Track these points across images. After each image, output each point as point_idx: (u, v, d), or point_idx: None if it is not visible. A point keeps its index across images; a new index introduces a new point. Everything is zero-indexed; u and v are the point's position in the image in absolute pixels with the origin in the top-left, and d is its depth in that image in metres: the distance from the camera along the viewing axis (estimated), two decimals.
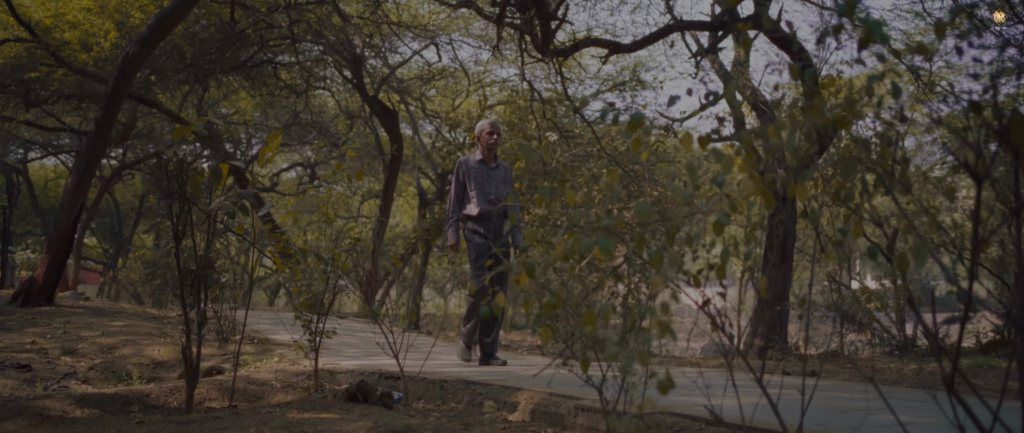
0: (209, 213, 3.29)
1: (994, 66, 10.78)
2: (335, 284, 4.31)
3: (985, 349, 7.40)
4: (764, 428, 2.49)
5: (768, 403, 2.11)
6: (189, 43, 11.84)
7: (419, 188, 17.84)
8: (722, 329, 2.28)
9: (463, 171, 5.72)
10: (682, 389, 3.52)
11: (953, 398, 1.65)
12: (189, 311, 3.32)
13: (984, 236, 2.03)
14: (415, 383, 4.22)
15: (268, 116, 18.23)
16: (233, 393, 3.49)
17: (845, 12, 1.63)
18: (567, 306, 2.50)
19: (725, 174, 1.97)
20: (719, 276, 2.24)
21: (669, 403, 3.18)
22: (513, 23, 9.34)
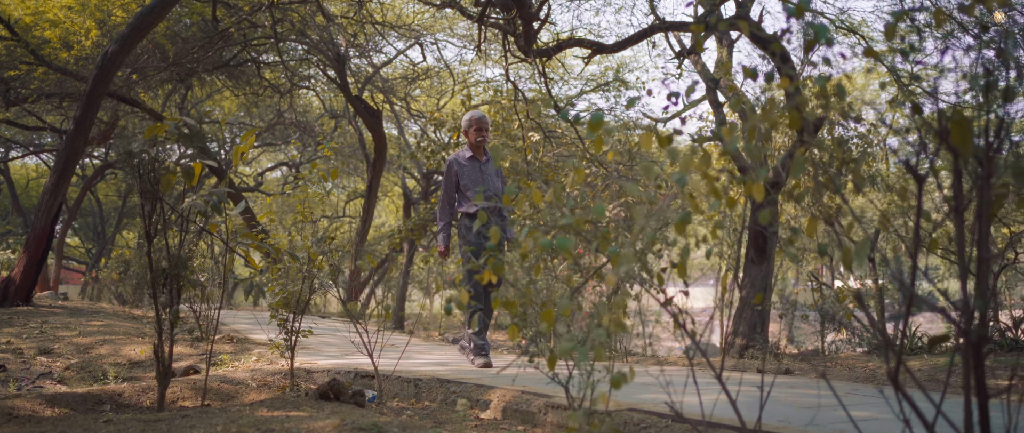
0: (182, 212, 3.30)
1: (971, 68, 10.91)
2: (311, 283, 4.32)
3: (929, 344, 7.47)
4: (725, 423, 2.52)
5: (727, 399, 2.14)
6: (171, 42, 11.80)
7: (404, 188, 17.83)
8: (684, 328, 2.30)
9: (455, 170, 5.54)
10: (652, 386, 3.56)
11: (899, 393, 1.69)
12: (161, 310, 3.32)
13: (926, 235, 2.06)
14: (390, 382, 4.24)
15: (252, 115, 18.18)
16: (205, 392, 3.50)
17: (794, 13, 1.66)
18: (535, 304, 2.53)
19: (684, 173, 2.00)
20: (680, 275, 2.27)
21: (639, 400, 3.21)
22: (496, 23, 9.36)
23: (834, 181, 1.81)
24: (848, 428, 2.51)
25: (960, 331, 1.52)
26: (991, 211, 1.68)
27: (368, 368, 4.59)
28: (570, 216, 1.86)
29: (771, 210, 9.19)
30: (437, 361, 5.62)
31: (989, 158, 1.50)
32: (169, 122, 3.11)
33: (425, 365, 5.22)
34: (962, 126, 1.61)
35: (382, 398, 3.92)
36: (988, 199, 1.50)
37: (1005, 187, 1.68)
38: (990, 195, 1.50)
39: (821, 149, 1.90)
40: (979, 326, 1.51)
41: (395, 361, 5.57)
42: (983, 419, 1.57)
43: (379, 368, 4.24)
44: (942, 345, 7.57)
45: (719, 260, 18.26)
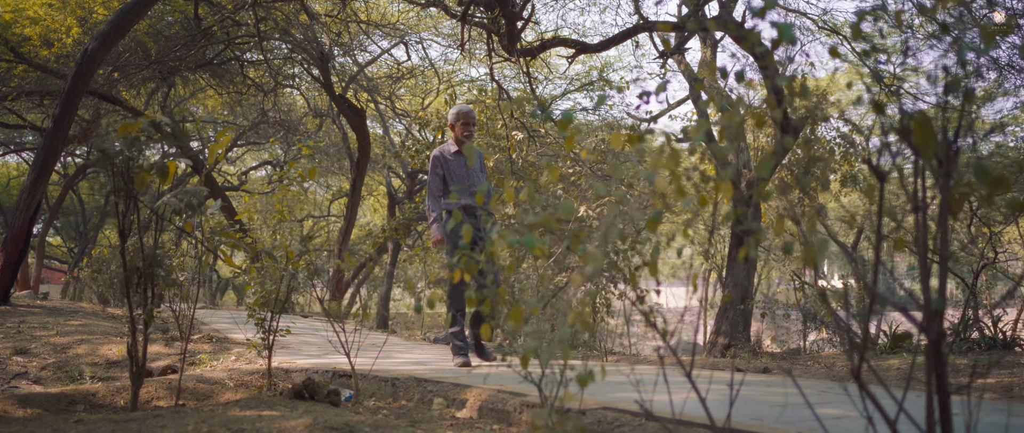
0: (155, 210, 3.27)
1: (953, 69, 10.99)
2: (289, 283, 4.30)
3: (892, 342, 7.53)
4: (697, 422, 2.53)
5: (698, 398, 2.15)
6: (154, 40, 11.72)
7: (389, 187, 17.81)
8: (655, 326, 2.30)
9: (441, 164, 5.48)
10: (628, 385, 3.56)
11: (863, 391, 1.70)
12: (135, 310, 3.30)
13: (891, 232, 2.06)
14: (367, 381, 4.23)
15: (236, 114, 18.09)
16: (179, 392, 3.48)
17: (758, 13, 1.66)
18: (508, 303, 2.52)
19: (651, 172, 2.00)
20: (652, 273, 2.27)
21: (614, 399, 3.21)
22: (480, 22, 9.36)
23: (800, 180, 1.82)
24: (818, 425, 2.52)
25: (920, 329, 1.53)
26: (955, 210, 1.69)
27: (347, 367, 4.58)
28: (538, 214, 1.86)
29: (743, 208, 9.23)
30: (417, 360, 5.62)
31: (949, 157, 1.51)
32: (143, 120, 3.09)
33: (404, 364, 5.21)
34: (924, 125, 1.62)
35: (359, 397, 3.91)
36: (948, 198, 1.51)
37: (968, 187, 1.69)
38: (949, 194, 1.51)
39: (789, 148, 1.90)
40: (938, 324, 1.52)
41: (378, 360, 5.56)
42: (944, 416, 1.58)
43: (357, 367, 4.23)
44: (906, 343, 7.61)
45: (703, 259, 18.34)
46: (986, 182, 1.63)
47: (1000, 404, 3.38)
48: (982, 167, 1.63)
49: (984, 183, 1.63)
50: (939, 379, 1.55)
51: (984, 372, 1.63)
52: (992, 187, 1.62)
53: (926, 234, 1.60)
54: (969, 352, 8.96)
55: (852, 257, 1.86)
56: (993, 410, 2.96)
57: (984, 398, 4.00)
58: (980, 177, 1.63)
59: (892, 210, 1.76)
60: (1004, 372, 6.68)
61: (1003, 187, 1.60)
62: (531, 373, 2.63)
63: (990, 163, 11.96)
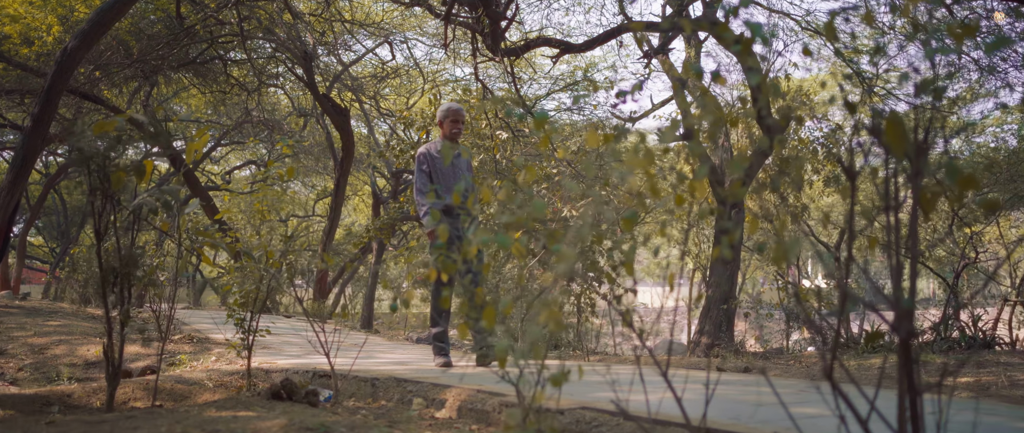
0: (131, 209, 3.25)
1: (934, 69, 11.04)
2: (268, 283, 4.27)
3: (865, 342, 7.58)
4: (674, 421, 2.53)
5: (673, 397, 2.15)
6: (136, 38, 11.64)
7: (374, 187, 17.76)
8: (631, 326, 2.30)
9: (428, 161, 5.39)
10: (608, 385, 3.55)
11: (835, 390, 1.71)
12: (111, 310, 3.27)
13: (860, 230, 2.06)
14: (347, 381, 4.21)
15: (220, 113, 17.99)
16: (156, 392, 3.45)
17: (732, 12, 1.67)
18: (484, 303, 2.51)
19: (628, 172, 2.00)
20: (628, 272, 2.27)
21: (594, 399, 3.21)
22: (464, 22, 9.34)
23: (773, 180, 1.82)
24: (796, 424, 2.53)
25: (891, 328, 1.53)
26: (927, 209, 1.70)
27: (327, 367, 4.56)
28: (512, 214, 1.85)
29: (719, 208, 9.26)
30: (398, 360, 5.60)
31: (919, 156, 1.51)
32: (119, 118, 3.06)
33: (385, 364, 5.19)
34: (895, 124, 1.63)
35: (338, 397, 3.89)
36: (918, 197, 1.52)
37: (940, 186, 1.70)
38: (921, 193, 1.52)
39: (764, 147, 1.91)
40: (907, 323, 1.53)
41: (359, 360, 5.53)
42: (914, 415, 1.58)
43: (338, 367, 4.21)
44: (879, 342, 7.68)
45: (688, 259, 18.39)
46: (956, 181, 1.64)
47: (971, 402, 3.41)
48: (953, 167, 1.64)
49: (954, 182, 1.64)
50: (909, 378, 1.55)
51: (955, 371, 1.64)
52: (962, 186, 1.63)
53: (899, 233, 1.61)
54: (949, 351, 9.03)
55: (836, 256, 1.87)
56: (965, 408, 2.99)
57: (962, 396, 4.03)
58: (951, 176, 1.64)
59: (868, 209, 1.76)
60: (983, 371, 6.73)
61: (972, 186, 1.61)
62: (508, 373, 2.63)
63: (961, 163, 12.06)
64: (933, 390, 1.84)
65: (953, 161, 1.69)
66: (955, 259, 12.97)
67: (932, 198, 1.70)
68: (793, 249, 1.51)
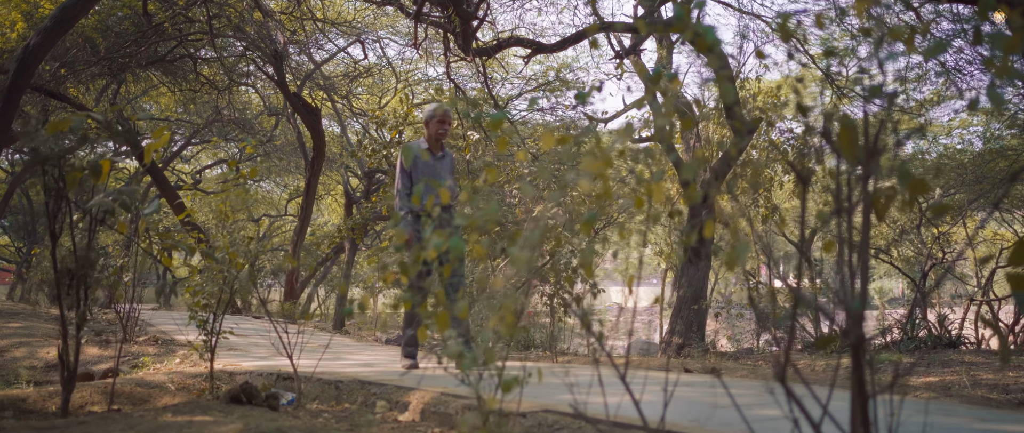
0: (86, 210, 3.19)
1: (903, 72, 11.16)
2: (231, 285, 4.22)
3: (817, 345, 7.66)
4: (635, 424, 2.52)
5: (632, 400, 2.14)
6: (103, 36, 11.47)
7: (346, 187, 17.65)
8: (589, 329, 2.29)
9: (410, 160, 5.23)
10: (577, 387, 3.54)
11: (788, 395, 1.70)
12: (66, 312, 3.21)
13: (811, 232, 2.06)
14: (311, 384, 4.16)
15: (190, 112, 17.80)
16: (112, 396, 3.39)
17: (679, 13, 1.66)
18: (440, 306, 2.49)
19: (585, 175, 1.98)
20: (588, 275, 2.26)
21: (557, 401, 3.20)
22: (435, 21, 9.30)
23: (730, 183, 1.82)
24: (754, 426, 2.54)
25: (841, 333, 1.53)
26: (879, 213, 1.70)
27: (292, 370, 4.51)
28: (463, 217, 1.83)
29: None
30: (365, 362, 5.56)
31: (868, 160, 1.51)
32: (73, 117, 3.00)
33: (352, 366, 5.15)
34: (847, 128, 1.63)
35: (301, 400, 3.85)
36: (867, 201, 1.52)
37: (892, 190, 1.71)
38: (870, 197, 1.52)
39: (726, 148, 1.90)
40: (857, 328, 1.53)
41: (325, 362, 5.47)
42: (863, 419, 1.59)
43: (302, 369, 4.17)
44: (833, 345, 7.74)
45: (662, 260, 18.48)
46: (907, 185, 1.64)
47: (931, 403, 3.44)
48: (904, 171, 1.65)
49: (905, 187, 1.65)
50: (859, 383, 1.55)
51: (908, 372, 1.65)
52: (913, 190, 1.63)
53: (851, 237, 1.61)
54: (916, 350, 9.15)
55: (805, 257, 1.87)
56: (917, 410, 3.01)
57: (923, 397, 4.07)
58: (902, 181, 1.65)
59: (822, 213, 1.76)
60: (948, 370, 6.82)
61: (922, 190, 1.61)
62: (467, 376, 2.61)
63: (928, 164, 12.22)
64: (888, 391, 1.84)
65: (905, 165, 1.69)
66: (923, 259, 13.14)
67: (885, 202, 1.70)
68: (741, 255, 1.50)
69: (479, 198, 2.20)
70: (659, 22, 8.60)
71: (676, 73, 9.00)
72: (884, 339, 10.19)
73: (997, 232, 14.71)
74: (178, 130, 19.73)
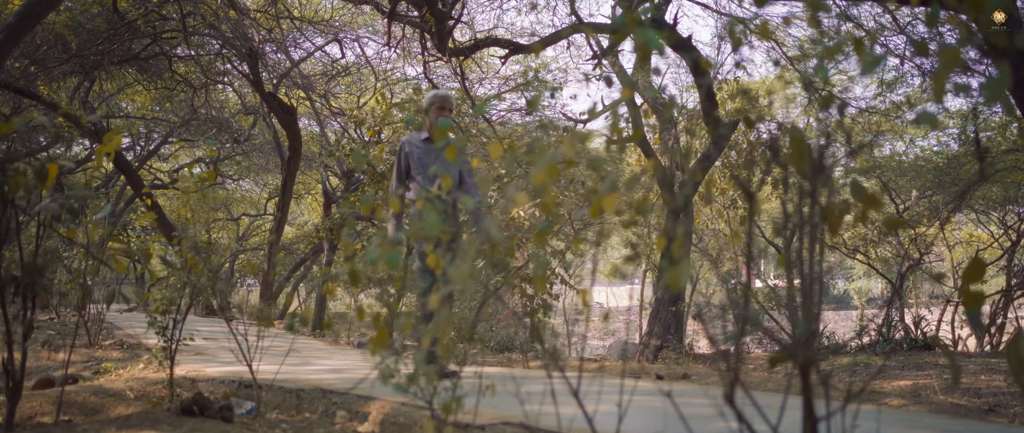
0: (32, 215, 3.09)
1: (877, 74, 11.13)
2: (193, 289, 4.13)
3: (770, 363, 7.65)
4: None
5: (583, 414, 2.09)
6: (74, 33, 11.27)
7: (325, 186, 17.51)
8: (541, 342, 2.22)
9: (405, 152, 4.86)
10: (535, 396, 3.48)
11: (739, 417, 1.65)
12: (11, 321, 3.11)
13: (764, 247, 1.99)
14: (272, 392, 4.08)
15: (166, 110, 17.59)
16: (60, 407, 3.29)
17: (623, 20, 1.60)
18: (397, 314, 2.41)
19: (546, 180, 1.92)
20: (539, 288, 2.20)
21: (517, 412, 3.14)
22: (412, 20, 9.22)
23: (681, 191, 1.76)
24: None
25: (788, 355, 1.48)
26: (833, 227, 1.65)
27: (259, 377, 4.42)
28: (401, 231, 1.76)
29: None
30: (333, 368, 5.47)
31: (815, 173, 1.46)
32: (16, 120, 2.90)
33: (318, 372, 5.06)
34: (797, 141, 1.57)
35: (260, 410, 3.77)
36: (814, 216, 1.46)
37: (845, 204, 1.65)
38: (817, 211, 1.46)
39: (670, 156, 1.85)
40: (805, 350, 1.47)
41: (292, 367, 5.38)
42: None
43: (266, 376, 4.08)
44: (783, 364, 7.74)
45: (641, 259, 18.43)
46: (860, 199, 1.59)
47: (895, 414, 3.40)
48: (857, 185, 1.59)
49: (859, 200, 1.60)
50: (807, 405, 1.50)
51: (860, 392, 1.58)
52: (865, 204, 1.58)
53: (799, 255, 1.55)
54: (891, 353, 9.16)
55: (786, 256, 1.81)
56: (888, 420, 2.97)
57: (892, 404, 4.04)
58: (856, 194, 1.60)
59: (779, 226, 1.71)
60: (921, 373, 6.81)
61: (874, 205, 1.56)
62: (421, 388, 2.54)
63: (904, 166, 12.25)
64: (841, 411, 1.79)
65: (857, 179, 1.64)
66: (899, 260, 13.18)
67: (838, 215, 1.65)
68: (683, 274, 1.44)
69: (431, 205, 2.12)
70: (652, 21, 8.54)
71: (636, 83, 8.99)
72: (860, 341, 10.20)
73: (973, 233, 14.80)
74: (155, 129, 19.52)
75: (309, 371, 5.12)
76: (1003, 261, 12.43)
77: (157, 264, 4.59)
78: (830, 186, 1.57)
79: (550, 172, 1.82)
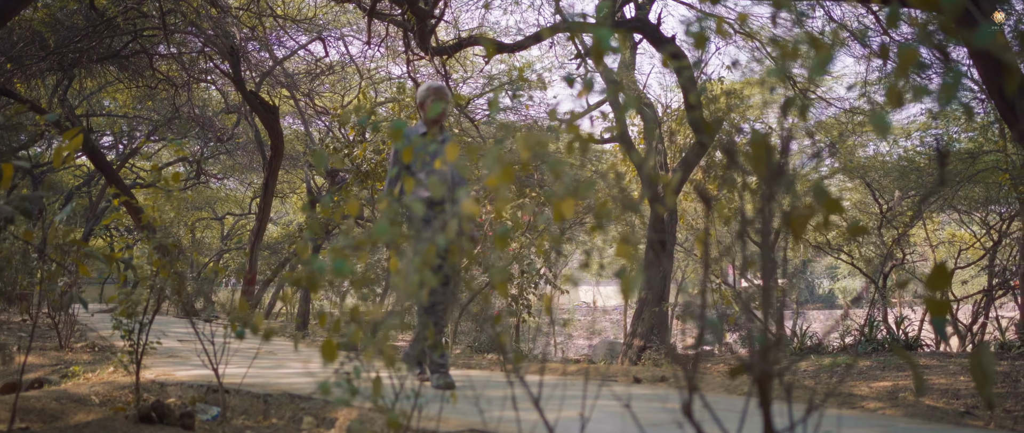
0: None
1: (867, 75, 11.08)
2: (159, 292, 4.04)
3: (730, 375, 7.64)
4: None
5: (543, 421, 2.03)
6: (52, 30, 11.13)
7: (309, 186, 17.39)
8: (504, 351, 2.16)
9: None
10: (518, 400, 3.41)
11: (693, 426, 1.59)
12: None
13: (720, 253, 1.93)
14: (240, 397, 4.00)
15: (149, 108, 17.42)
16: (15, 413, 3.21)
17: (572, 25, 1.54)
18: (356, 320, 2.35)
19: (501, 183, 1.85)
20: (502, 294, 2.13)
21: (487, 418, 3.07)
22: (393, 19, 9.14)
23: (629, 196, 1.70)
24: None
25: (745, 367, 1.42)
26: (797, 233, 1.59)
27: (227, 381, 4.34)
28: (348, 238, 1.69)
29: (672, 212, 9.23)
30: (306, 371, 5.39)
31: (772, 177, 1.40)
32: None
33: (289, 376, 4.98)
34: (758, 144, 1.51)
35: (227, 415, 3.69)
36: (769, 221, 1.41)
37: (809, 208, 1.60)
38: (774, 217, 1.40)
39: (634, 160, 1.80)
40: (762, 362, 1.41)
41: (265, 370, 5.30)
42: None
43: (233, 381, 4.01)
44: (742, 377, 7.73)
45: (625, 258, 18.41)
46: (822, 204, 1.53)
47: (864, 417, 3.35)
48: (820, 189, 1.54)
49: (822, 205, 1.54)
50: (765, 420, 1.44)
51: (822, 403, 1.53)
52: (828, 209, 1.53)
53: (768, 259, 1.50)
54: (873, 353, 9.15)
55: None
56: (857, 425, 2.92)
57: (867, 407, 3.99)
58: (819, 198, 1.54)
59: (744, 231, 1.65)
60: (901, 374, 6.79)
61: (837, 210, 1.50)
62: (382, 398, 2.47)
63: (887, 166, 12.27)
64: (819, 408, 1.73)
65: (820, 183, 1.58)
66: (881, 259, 13.20)
67: (801, 221, 1.60)
68: (635, 283, 1.38)
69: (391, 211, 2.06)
70: (636, 21, 8.50)
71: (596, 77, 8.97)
72: (842, 341, 10.20)
73: (956, 233, 14.84)
74: (137, 127, 19.35)
75: (281, 374, 5.04)
76: (985, 261, 12.47)
77: (145, 263, 4.49)
78: (791, 190, 1.52)
79: (504, 175, 1.76)
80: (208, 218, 26.97)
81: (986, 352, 1.40)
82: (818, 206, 1.55)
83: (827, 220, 1.55)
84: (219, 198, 25.43)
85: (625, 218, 8.07)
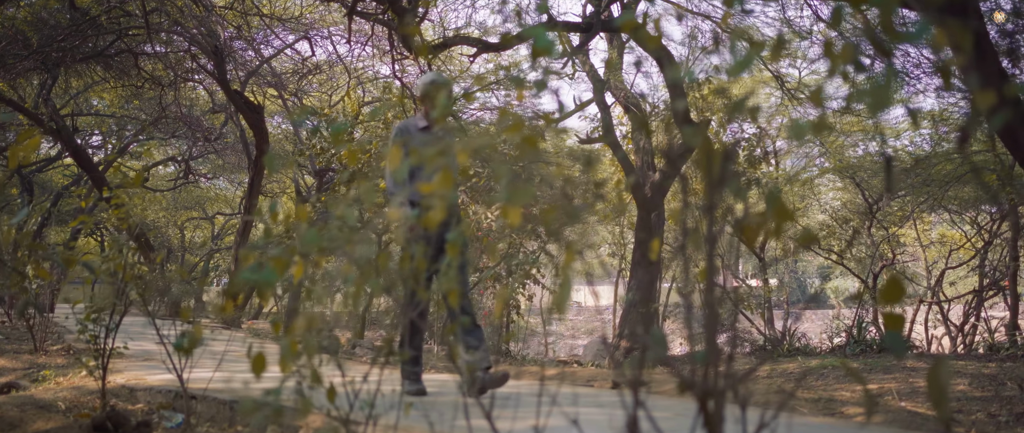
0: None
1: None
2: (125, 295, 3.96)
3: (678, 390, 7.56)
4: None
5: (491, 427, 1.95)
6: (35, 29, 11.02)
7: (297, 185, 17.31)
8: (455, 361, 2.08)
9: (403, 141, 4.35)
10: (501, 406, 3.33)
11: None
12: None
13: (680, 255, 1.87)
14: (207, 403, 3.92)
15: (136, 108, 17.31)
16: None
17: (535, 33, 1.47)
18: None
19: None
20: (452, 302, 2.06)
21: (454, 426, 3.00)
22: (377, 18, 9.06)
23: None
24: None
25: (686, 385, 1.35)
26: (750, 241, 1.52)
27: (196, 386, 4.25)
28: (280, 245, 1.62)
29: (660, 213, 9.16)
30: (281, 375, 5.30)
31: (713, 185, 1.33)
32: None
33: (265, 381, 4.89)
34: (706, 150, 1.45)
35: (192, 422, 3.61)
36: (712, 231, 1.34)
37: (762, 217, 1.53)
38: (715, 226, 1.33)
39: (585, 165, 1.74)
40: (703, 380, 1.34)
41: (241, 374, 5.21)
42: None
43: (208, 386, 3.93)
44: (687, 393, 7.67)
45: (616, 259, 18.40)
46: (773, 212, 1.47)
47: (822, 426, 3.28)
48: (773, 196, 1.47)
49: (774, 212, 1.47)
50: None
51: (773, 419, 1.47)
52: (778, 217, 1.46)
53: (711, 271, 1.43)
54: (862, 354, 9.10)
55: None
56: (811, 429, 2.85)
57: (847, 412, 3.93)
58: (771, 205, 1.48)
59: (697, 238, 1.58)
60: (888, 376, 6.72)
61: (788, 218, 1.44)
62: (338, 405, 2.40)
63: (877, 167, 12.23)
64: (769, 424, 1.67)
65: (774, 190, 1.51)
66: (870, 260, 13.18)
67: (755, 228, 1.53)
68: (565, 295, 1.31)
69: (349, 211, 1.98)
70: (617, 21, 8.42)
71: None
72: (831, 342, 10.16)
73: (946, 234, 14.83)
74: (125, 127, 19.23)
75: (255, 378, 4.95)
76: (976, 261, 12.45)
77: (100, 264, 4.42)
78: (742, 197, 1.45)
79: (445, 180, 1.69)
80: (198, 218, 26.87)
81: (944, 368, 1.33)
82: (770, 214, 1.49)
83: (779, 228, 1.49)
84: (209, 197, 25.33)
85: (613, 219, 7.99)
